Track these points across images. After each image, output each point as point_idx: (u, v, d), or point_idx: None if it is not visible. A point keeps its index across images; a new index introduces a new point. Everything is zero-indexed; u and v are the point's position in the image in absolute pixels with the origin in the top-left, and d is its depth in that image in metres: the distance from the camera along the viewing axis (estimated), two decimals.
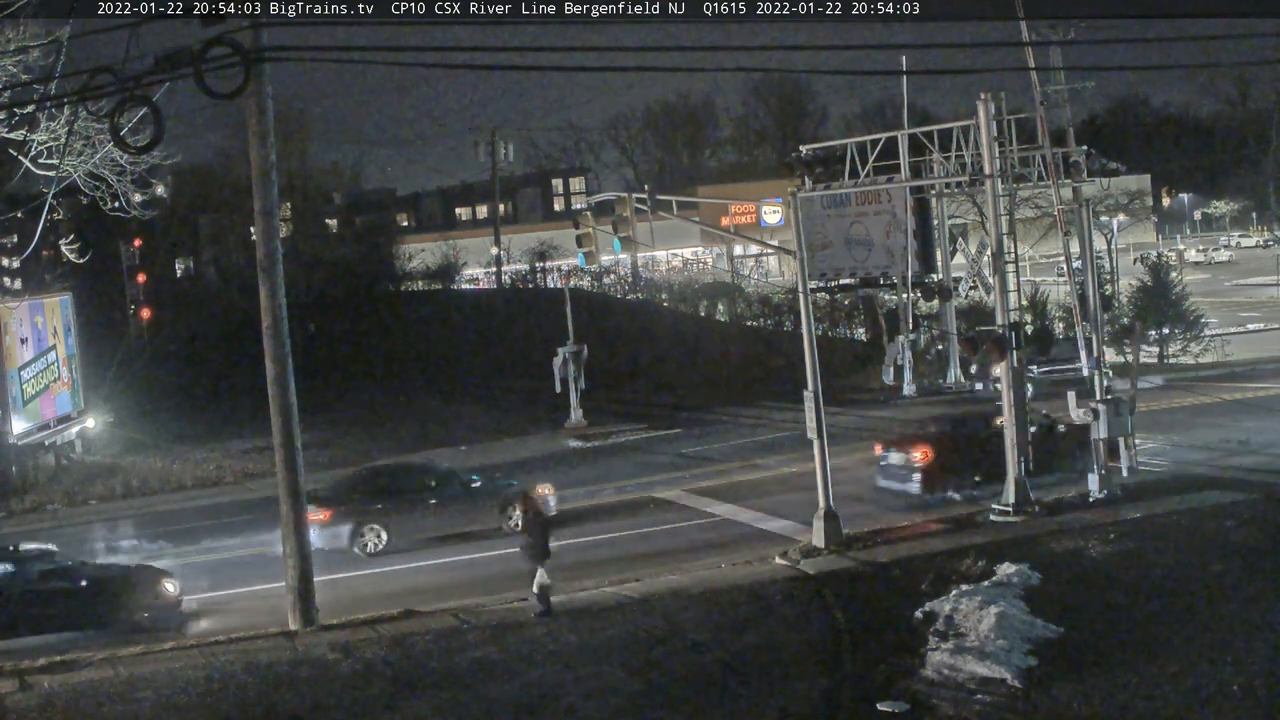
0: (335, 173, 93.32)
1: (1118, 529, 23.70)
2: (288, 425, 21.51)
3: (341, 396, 51.92)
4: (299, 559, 21.39)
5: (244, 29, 19.41)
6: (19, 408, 37.43)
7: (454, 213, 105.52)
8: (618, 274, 72.02)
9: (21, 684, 18.80)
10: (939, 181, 37.53)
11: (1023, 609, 19.04)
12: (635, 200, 28.57)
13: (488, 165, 78.83)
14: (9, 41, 25.84)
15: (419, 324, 65.93)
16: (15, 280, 40.40)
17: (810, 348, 24.85)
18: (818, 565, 23.12)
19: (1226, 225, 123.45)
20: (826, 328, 53.96)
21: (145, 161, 28.00)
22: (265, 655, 19.79)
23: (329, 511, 26.87)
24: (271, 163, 21.38)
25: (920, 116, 55.52)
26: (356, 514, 27.18)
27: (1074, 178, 32.88)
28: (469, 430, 42.96)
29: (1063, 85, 32.25)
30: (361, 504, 27.52)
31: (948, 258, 43.85)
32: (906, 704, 16.31)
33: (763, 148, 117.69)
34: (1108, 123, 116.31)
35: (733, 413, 43.72)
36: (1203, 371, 46.98)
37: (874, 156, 37.94)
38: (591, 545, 26.43)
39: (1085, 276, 28.73)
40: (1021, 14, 29.55)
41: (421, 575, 25.43)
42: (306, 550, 21.49)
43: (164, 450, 41.55)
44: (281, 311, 21.42)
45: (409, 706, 17.31)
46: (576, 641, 19.51)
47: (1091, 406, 25.92)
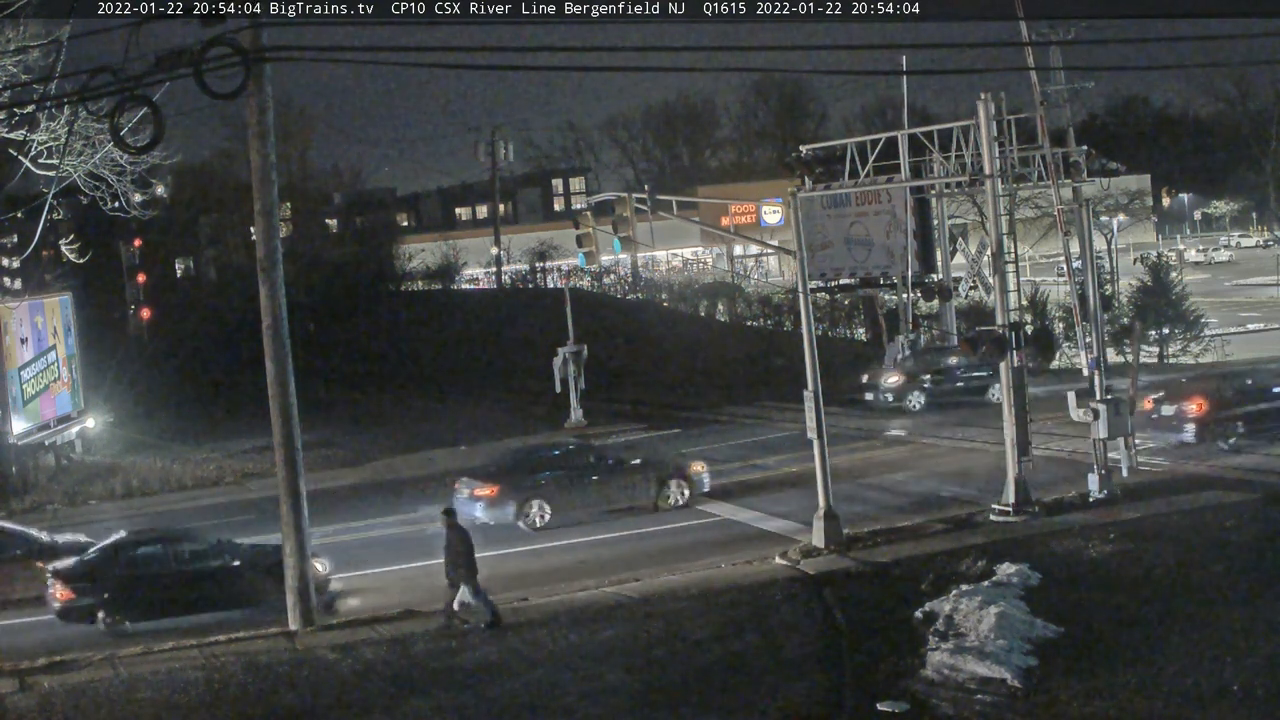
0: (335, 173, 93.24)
1: (1118, 529, 23.68)
2: (288, 425, 21.51)
3: (342, 396, 51.95)
4: (299, 559, 21.37)
5: (244, 29, 19.43)
6: (19, 408, 37.43)
7: (454, 213, 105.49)
8: (618, 274, 72.06)
9: (21, 684, 18.80)
10: (939, 181, 37.56)
11: (1023, 609, 19.03)
12: (635, 200, 28.58)
13: (488, 165, 78.94)
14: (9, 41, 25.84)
15: (419, 324, 65.94)
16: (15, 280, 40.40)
17: (810, 348, 24.85)
18: (818, 565, 23.12)
19: (1226, 225, 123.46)
20: (826, 328, 54.02)
21: (145, 161, 28.00)
22: (265, 655, 19.80)
23: (495, 488, 28.04)
24: (271, 163, 21.38)
25: (920, 116, 55.56)
26: (522, 489, 28.11)
27: (1074, 178, 32.90)
28: (469, 430, 42.95)
29: (1063, 85, 32.25)
30: (526, 480, 28.46)
31: (948, 258, 43.90)
32: (906, 704, 16.32)
33: (763, 148, 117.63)
34: (1108, 123, 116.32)
35: (733, 412, 43.70)
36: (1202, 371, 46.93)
37: (874, 156, 37.99)
38: (591, 545, 26.44)
39: (1085, 276, 28.71)
40: (1021, 14, 29.57)
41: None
42: (306, 550, 21.48)
43: (164, 450, 41.52)
44: (281, 311, 21.42)
45: (409, 706, 17.32)
46: (576, 641, 19.51)
47: (1091, 406, 25.91)
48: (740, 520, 27.81)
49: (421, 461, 38.42)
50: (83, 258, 38.69)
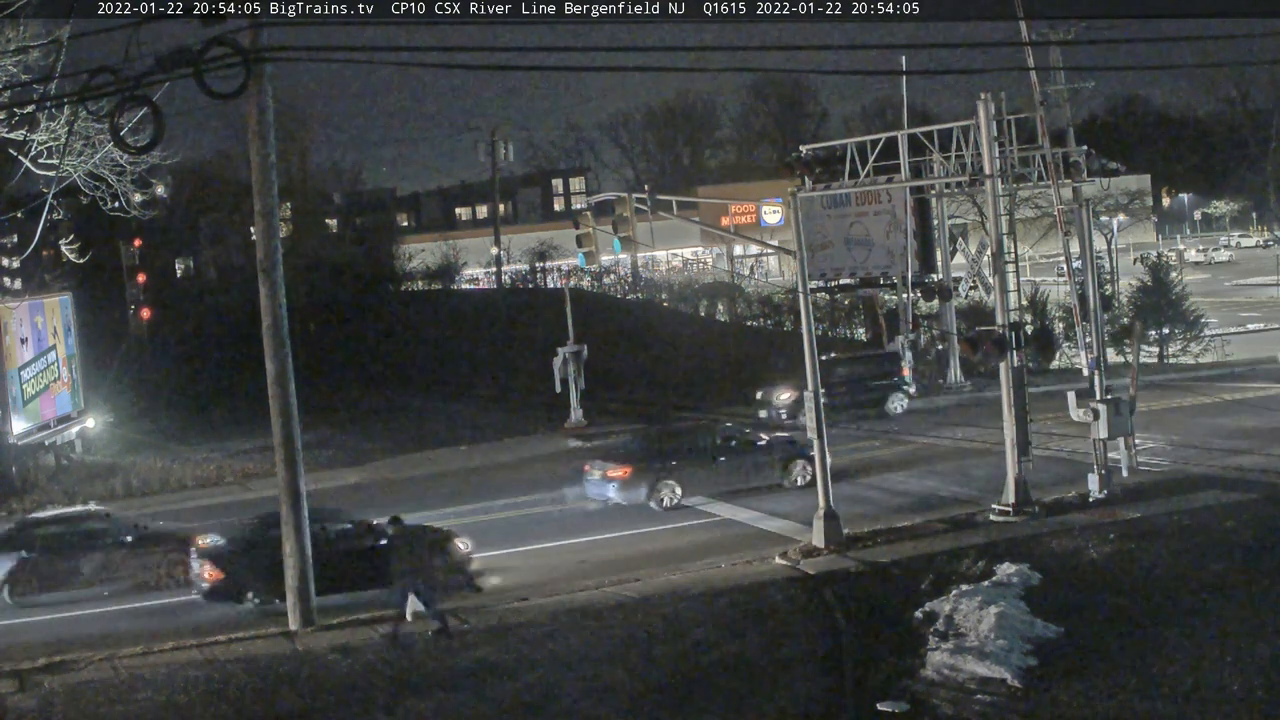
0: (335, 173, 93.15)
1: (1118, 529, 23.69)
2: (288, 425, 21.51)
3: (341, 396, 51.89)
4: (299, 559, 21.37)
5: (244, 29, 19.42)
6: (19, 408, 37.41)
7: (454, 213, 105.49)
8: (618, 274, 72.04)
9: (21, 684, 18.80)
10: (939, 181, 37.56)
11: (1023, 609, 19.04)
12: (635, 200, 28.59)
13: (488, 165, 78.69)
14: (9, 41, 25.88)
15: (419, 324, 65.89)
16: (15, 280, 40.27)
17: (810, 348, 24.87)
18: (818, 565, 23.12)
19: (1226, 225, 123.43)
20: (826, 328, 53.97)
21: (145, 161, 28.05)
22: (265, 655, 19.79)
23: (628, 469, 29.18)
24: (271, 163, 21.37)
25: (920, 116, 55.49)
26: (653, 471, 29.14)
27: (1074, 178, 32.94)
28: (469, 430, 42.95)
29: (1063, 85, 32.29)
30: (657, 461, 29.46)
31: (948, 258, 43.95)
32: (906, 704, 16.31)
33: (763, 148, 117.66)
34: (1108, 123, 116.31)
35: (733, 413, 43.67)
36: (1202, 371, 46.97)
37: (874, 156, 37.98)
38: (591, 545, 26.45)
39: (1085, 276, 28.71)
40: (1021, 14, 29.57)
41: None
42: (306, 550, 21.46)
43: (164, 450, 41.51)
44: (281, 311, 21.42)
45: (409, 706, 17.31)
46: (577, 641, 19.51)
47: (1091, 406, 25.92)
48: (740, 520, 27.82)
49: (422, 461, 38.45)
50: (83, 258, 38.67)
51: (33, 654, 20.33)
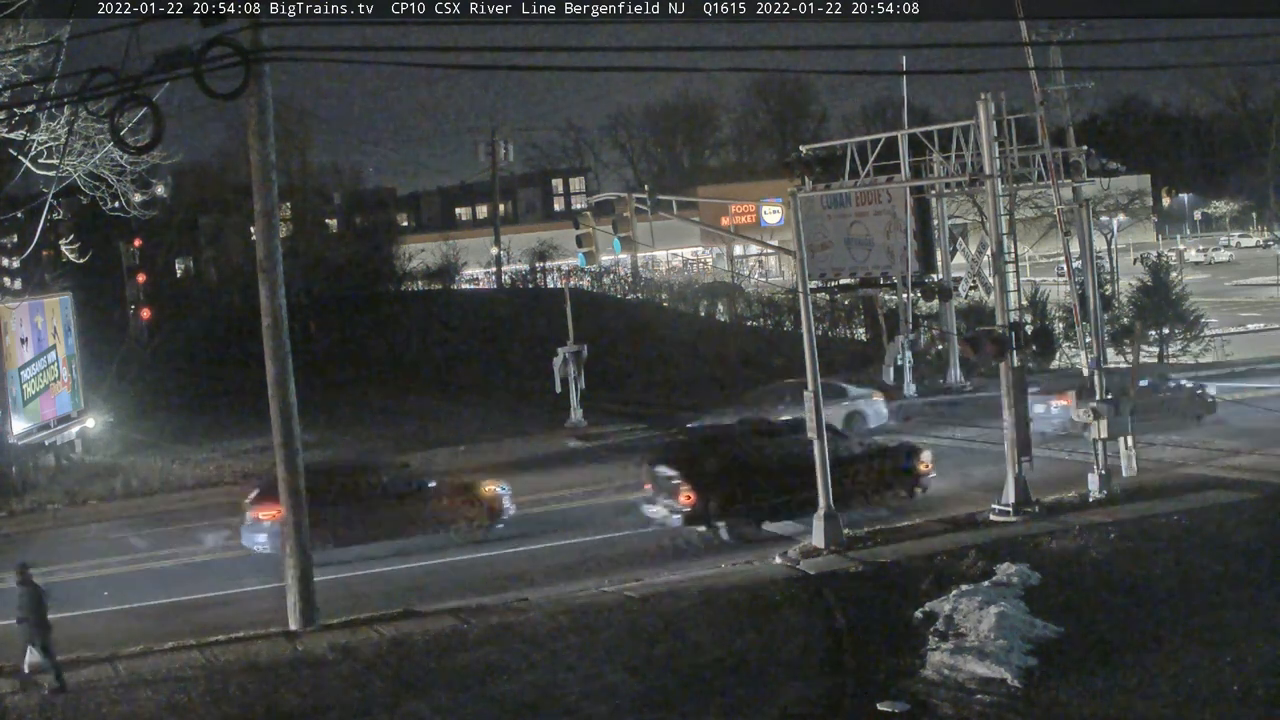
0: (335, 173, 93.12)
1: (1118, 529, 23.68)
2: (288, 425, 21.50)
3: (341, 396, 51.81)
4: (299, 558, 21.36)
5: (244, 29, 19.42)
6: (19, 408, 37.39)
7: (454, 213, 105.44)
8: (618, 274, 72.01)
9: (22, 684, 18.80)
10: (939, 181, 37.60)
11: (1023, 609, 19.05)
12: (635, 200, 28.59)
13: (488, 165, 78.91)
14: (9, 41, 25.88)
15: (419, 324, 65.84)
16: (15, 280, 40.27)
17: (810, 348, 24.86)
18: (818, 565, 23.11)
19: (1226, 225, 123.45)
20: (826, 328, 54.03)
21: (145, 161, 28.06)
22: (265, 655, 19.78)
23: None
24: (271, 163, 21.36)
25: (920, 116, 55.59)
26: None
27: (1074, 178, 32.97)
28: (469, 430, 42.94)
29: (1063, 85, 32.30)
30: None
31: (948, 258, 43.94)
32: (906, 704, 16.32)
33: (763, 148, 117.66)
34: (1108, 123, 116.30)
35: (732, 413, 43.63)
36: (1203, 371, 46.97)
37: (874, 156, 38.01)
38: (591, 545, 26.43)
39: (1085, 276, 28.73)
40: (1021, 14, 29.61)
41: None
42: (307, 550, 21.46)
43: (164, 450, 41.49)
44: (281, 311, 21.41)
45: (409, 706, 17.31)
46: (577, 642, 19.50)
47: (1092, 406, 25.93)
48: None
49: (422, 461, 38.39)
50: (83, 258, 38.64)
51: None
